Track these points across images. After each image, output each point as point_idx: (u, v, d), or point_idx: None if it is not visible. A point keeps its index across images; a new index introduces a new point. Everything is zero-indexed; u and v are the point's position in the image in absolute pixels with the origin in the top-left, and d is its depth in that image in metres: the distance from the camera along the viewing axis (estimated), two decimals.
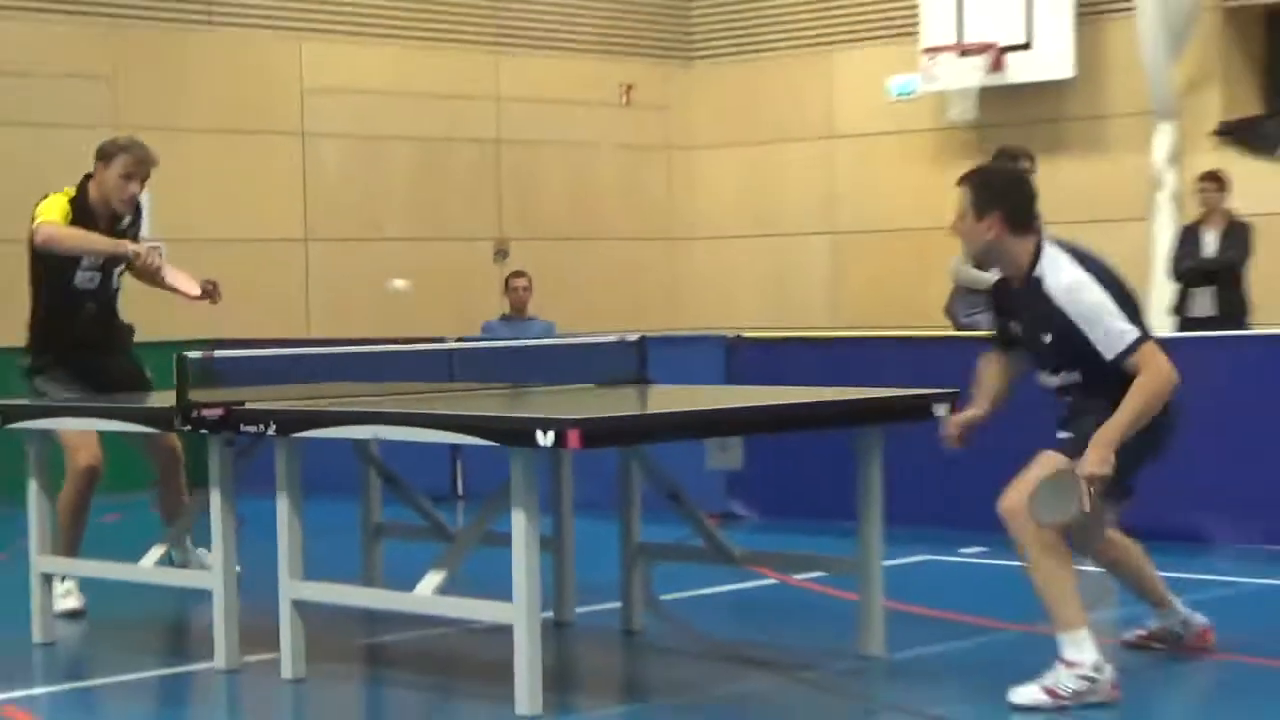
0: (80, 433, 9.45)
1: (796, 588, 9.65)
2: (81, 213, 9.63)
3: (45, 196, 9.68)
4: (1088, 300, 7.20)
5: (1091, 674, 6.98)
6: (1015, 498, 7.33)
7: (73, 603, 9.50)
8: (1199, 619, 7.91)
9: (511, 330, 15.21)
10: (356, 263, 16.86)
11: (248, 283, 16.09)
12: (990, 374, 7.75)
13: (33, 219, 9.53)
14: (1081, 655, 7.00)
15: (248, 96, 16.33)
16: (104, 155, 9.83)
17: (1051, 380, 7.47)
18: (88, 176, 9.78)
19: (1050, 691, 6.95)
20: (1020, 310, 7.46)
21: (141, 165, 9.87)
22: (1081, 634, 7.06)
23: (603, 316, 15.79)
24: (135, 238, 9.95)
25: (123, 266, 9.79)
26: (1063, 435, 7.44)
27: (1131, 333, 7.15)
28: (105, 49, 15.58)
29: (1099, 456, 7.14)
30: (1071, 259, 7.32)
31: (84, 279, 9.65)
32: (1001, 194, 7.45)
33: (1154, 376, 7.17)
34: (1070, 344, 7.22)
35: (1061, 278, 7.24)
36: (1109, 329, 7.17)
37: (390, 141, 17.17)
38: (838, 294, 18.37)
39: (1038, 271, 7.28)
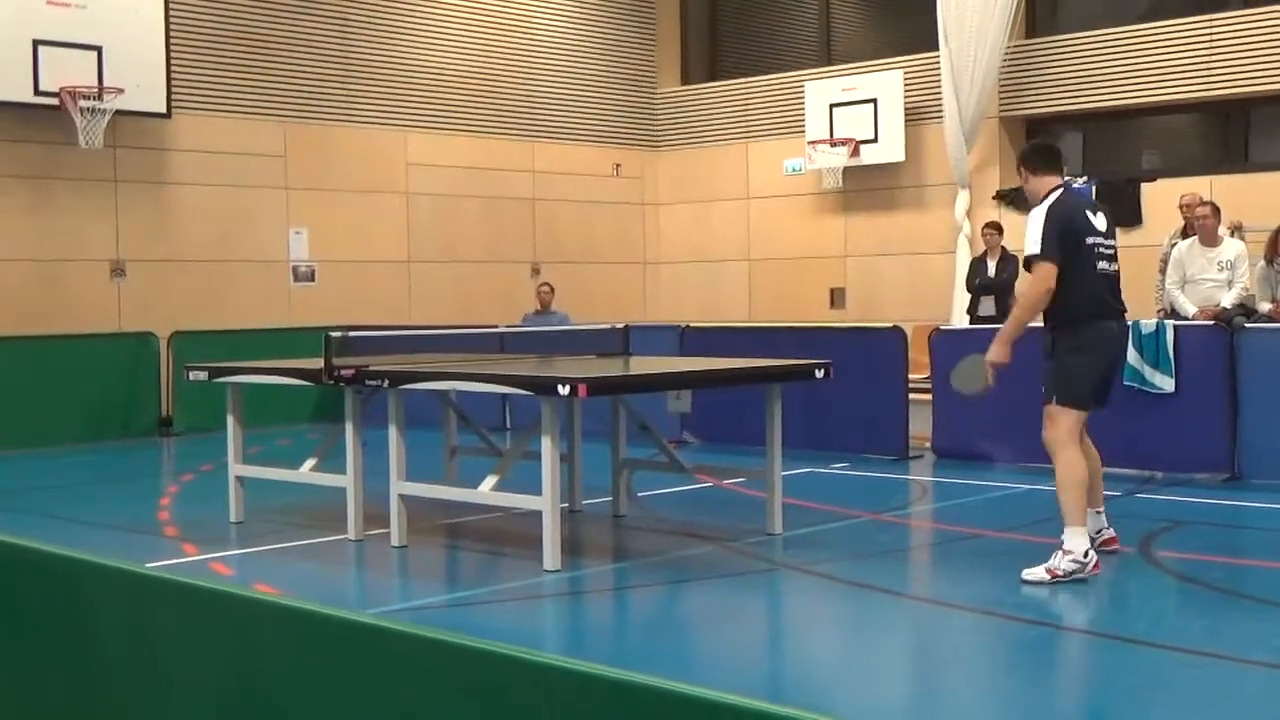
0: None
1: (725, 489, 9.59)
2: None
3: None
4: (1030, 224, 6.74)
5: (1081, 559, 6.55)
6: (1047, 433, 6.78)
7: None
8: (1109, 530, 7.15)
9: (540, 320, 15.12)
10: (441, 276, 16.77)
11: (370, 288, 16.03)
12: None
13: None
14: (1075, 545, 6.57)
15: (372, 168, 16.21)
16: None
17: None
18: None
19: (1050, 571, 6.55)
20: None
21: None
22: (1080, 530, 6.60)
23: (599, 312, 15.73)
24: None
25: None
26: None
27: (1035, 248, 6.66)
28: (281, 138, 15.44)
29: (997, 349, 6.83)
30: (1055, 198, 6.76)
31: None
32: (1029, 154, 7.05)
33: (1031, 284, 6.74)
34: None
35: (1033, 209, 6.80)
36: (1028, 242, 6.71)
37: (463, 199, 17.04)
38: (751, 299, 18.30)
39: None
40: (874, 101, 16.60)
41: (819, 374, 7.91)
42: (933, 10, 15.85)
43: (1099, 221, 6.88)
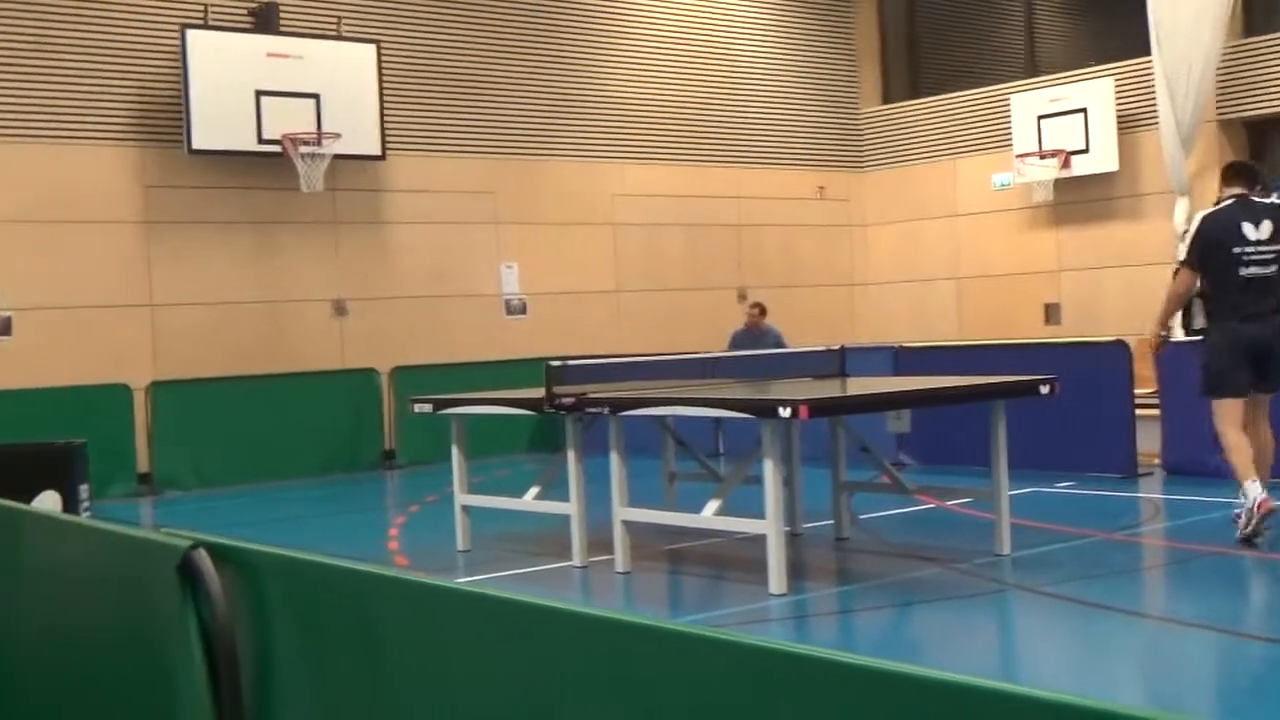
0: None
1: (949, 510, 9.44)
2: None
3: None
4: (1185, 234, 8.35)
5: (1253, 501, 7.60)
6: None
7: None
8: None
9: (750, 336, 15.10)
10: (649, 305, 16.92)
11: (580, 319, 16.25)
12: None
13: None
14: (1247, 496, 7.64)
15: (579, 201, 16.46)
16: None
17: None
18: None
19: (1236, 514, 7.78)
20: None
21: None
22: (1246, 483, 7.66)
23: (808, 335, 15.63)
24: None
25: None
26: None
27: (1181, 255, 8.20)
28: (490, 174, 15.79)
29: (1149, 332, 8.52)
30: (1213, 210, 8.07)
31: None
32: (1223, 171, 8.42)
33: (1172, 285, 8.24)
34: None
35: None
36: (1179, 249, 8.38)
37: (670, 228, 17.17)
38: (961, 317, 18.01)
39: None
40: (1084, 111, 16.20)
41: (1044, 390, 7.74)
42: (1142, 14, 15.41)
43: (1259, 231, 7.87)
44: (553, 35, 16.36)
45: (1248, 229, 7.81)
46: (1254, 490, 7.62)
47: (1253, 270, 7.81)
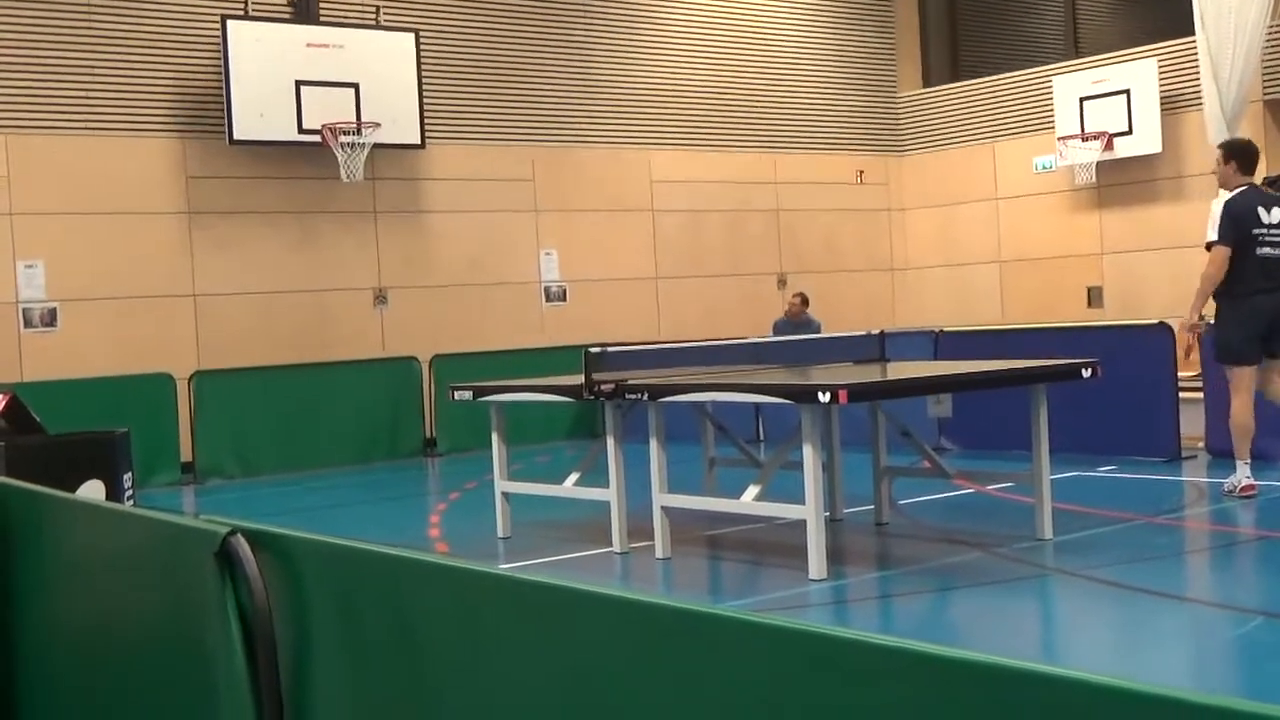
0: None
1: (990, 495, 9.39)
2: None
3: None
4: (1213, 215, 8.88)
5: (1235, 483, 8.73)
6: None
7: None
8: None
9: (792, 326, 15.08)
10: (688, 291, 16.89)
11: (618, 306, 16.24)
12: None
13: None
14: (1236, 474, 8.72)
15: (617, 188, 16.44)
16: None
17: None
18: None
19: (1225, 486, 8.85)
20: None
21: None
22: (1240, 462, 8.71)
23: (848, 321, 15.59)
24: None
25: None
26: None
27: (1213, 234, 8.68)
28: (529, 162, 15.80)
29: (1188, 317, 8.87)
30: (1236, 195, 8.67)
31: None
32: (1238, 152, 8.95)
33: (1210, 263, 8.58)
34: None
35: (1214, 203, 9.05)
36: (1210, 229, 8.83)
37: (708, 214, 17.14)
38: (1002, 301, 17.90)
39: None
40: (1126, 92, 16.06)
41: (1086, 374, 7.68)
42: None
43: (1270, 216, 8.60)
44: (591, 22, 16.34)
45: (1262, 213, 8.60)
46: (1244, 472, 8.71)
47: (1266, 250, 8.59)
